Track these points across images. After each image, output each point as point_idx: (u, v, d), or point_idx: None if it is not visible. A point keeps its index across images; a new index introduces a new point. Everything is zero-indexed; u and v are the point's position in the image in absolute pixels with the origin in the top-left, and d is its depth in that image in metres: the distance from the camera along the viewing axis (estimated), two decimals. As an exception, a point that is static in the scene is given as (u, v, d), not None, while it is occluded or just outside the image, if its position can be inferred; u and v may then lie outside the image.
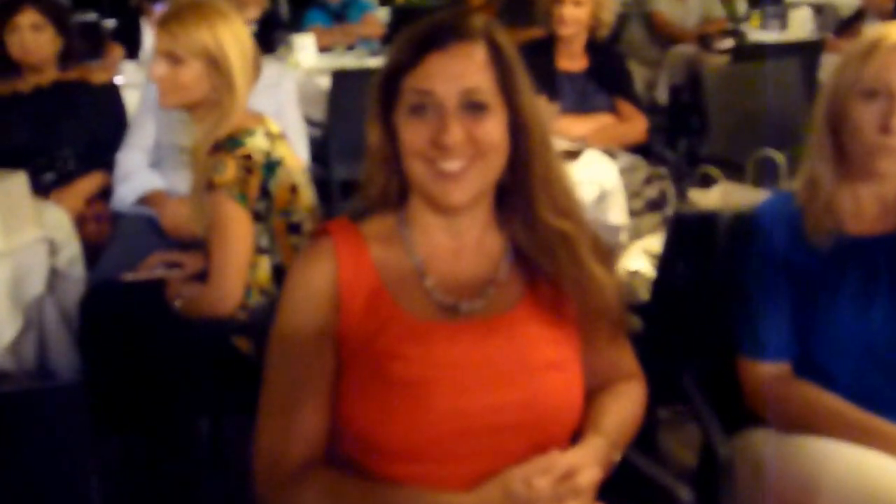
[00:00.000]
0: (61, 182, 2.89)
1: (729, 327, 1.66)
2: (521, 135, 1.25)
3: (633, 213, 2.94)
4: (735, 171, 2.97)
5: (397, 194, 1.30)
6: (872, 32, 1.51)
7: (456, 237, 1.30)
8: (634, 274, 2.24)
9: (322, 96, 4.22)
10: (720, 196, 2.29)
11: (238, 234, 1.94)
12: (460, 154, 1.20)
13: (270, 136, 2.03)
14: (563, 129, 3.26)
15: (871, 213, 1.57)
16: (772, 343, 1.60)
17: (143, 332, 2.00)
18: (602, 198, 2.58)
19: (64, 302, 2.21)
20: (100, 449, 1.57)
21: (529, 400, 1.23)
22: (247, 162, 1.94)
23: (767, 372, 1.58)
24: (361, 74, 4.29)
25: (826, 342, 1.55)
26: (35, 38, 2.93)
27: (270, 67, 3.23)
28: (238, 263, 1.94)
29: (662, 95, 5.08)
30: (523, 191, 1.27)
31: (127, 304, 2.11)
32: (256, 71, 2.08)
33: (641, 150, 3.40)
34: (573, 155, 2.83)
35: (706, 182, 2.72)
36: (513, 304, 1.30)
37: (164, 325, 2.00)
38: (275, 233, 2.03)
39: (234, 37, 1.97)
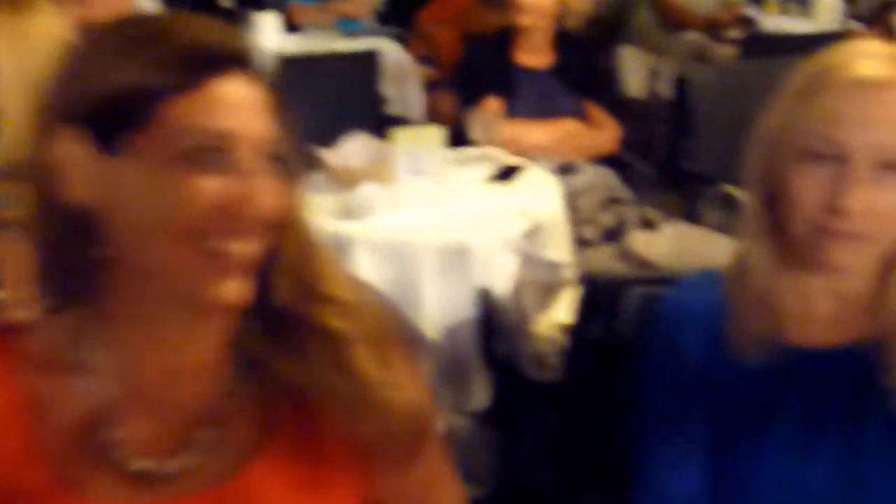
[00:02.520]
0: None
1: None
2: None
3: (586, 244, 2.47)
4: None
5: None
6: (820, 60, 1.01)
7: (173, 351, 0.86)
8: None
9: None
10: (668, 242, 1.81)
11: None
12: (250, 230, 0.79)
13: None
14: (518, 135, 2.80)
15: (823, 315, 1.08)
16: (676, 498, 1.14)
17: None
18: (536, 231, 2.13)
19: None
20: None
21: None
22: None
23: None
24: (310, 60, 3.85)
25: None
26: None
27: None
28: None
29: (665, 88, 4.55)
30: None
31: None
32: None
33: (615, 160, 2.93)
34: (508, 174, 2.37)
35: (648, 224, 2.25)
36: (247, 454, 0.86)
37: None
38: None
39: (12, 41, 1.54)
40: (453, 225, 2.11)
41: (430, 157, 2.12)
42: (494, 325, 1.96)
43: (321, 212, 2.22)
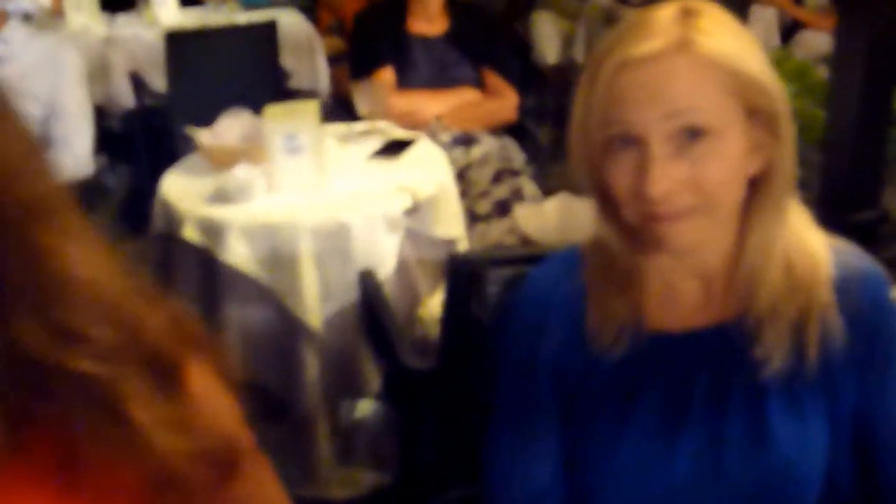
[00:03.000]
0: None
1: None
2: None
3: (480, 218, 2.38)
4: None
5: None
6: (602, 40, 0.92)
7: None
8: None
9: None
10: (554, 216, 1.72)
11: None
12: None
13: None
14: (414, 108, 2.70)
15: (687, 299, 1.00)
16: (523, 486, 1.07)
17: None
18: (421, 207, 2.02)
19: None
20: None
21: None
22: None
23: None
24: (200, 35, 3.68)
25: (607, 493, 1.01)
26: None
27: (44, 40, 2.63)
28: None
29: (579, 53, 4.48)
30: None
31: None
32: None
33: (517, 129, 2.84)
34: (395, 149, 2.27)
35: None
36: None
37: None
38: None
39: None
40: (331, 205, 2.00)
41: (308, 134, 2.00)
42: (377, 309, 1.87)
43: (194, 196, 2.09)
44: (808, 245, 0.96)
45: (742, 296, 0.95)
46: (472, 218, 2.36)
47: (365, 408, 2.51)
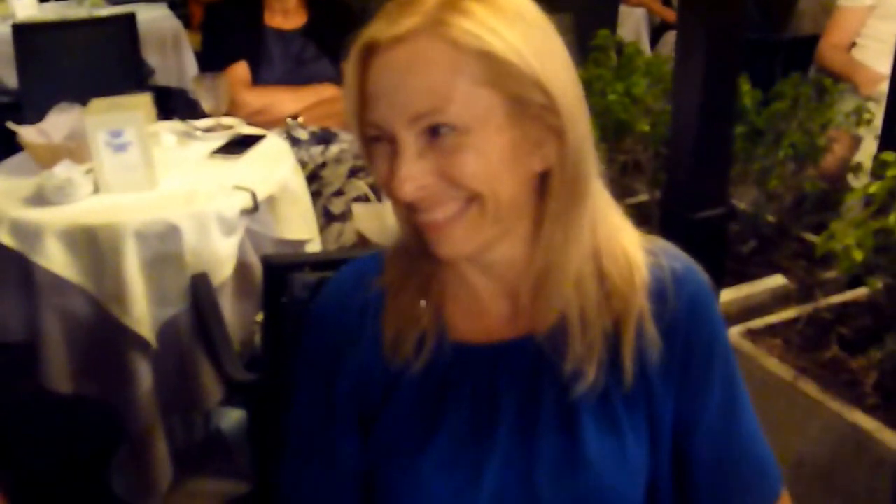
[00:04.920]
0: None
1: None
2: None
3: (335, 218, 2.29)
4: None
5: None
6: (380, 12, 0.80)
7: None
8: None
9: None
10: (389, 215, 1.64)
11: None
12: None
13: None
14: (269, 104, 2.58)
15: (495, 310, 0.92)
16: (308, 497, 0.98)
17: None
18: (263, 207, 1.91)
19: None
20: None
21: None
22: None
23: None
24: (51, 27, 3.47)
25: None
26: None
27: None
28: None
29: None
30: None
31: None
32: None
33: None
34: (238, 146, 2.14)
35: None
36: None
37: None
38: None
39: None
40: (160, 205, 1.86)
41: (134, 130, 1.86)
42: (207, 316, 1.74)
43: (13, 197, 1.93)
44: (623, 249, 0.88)
45: (550, 306, 0.87)
46: (328, 218, 2.26)
47: (224, 416, 2.39)
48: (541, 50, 0.79)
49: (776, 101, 2.15)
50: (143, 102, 1.93)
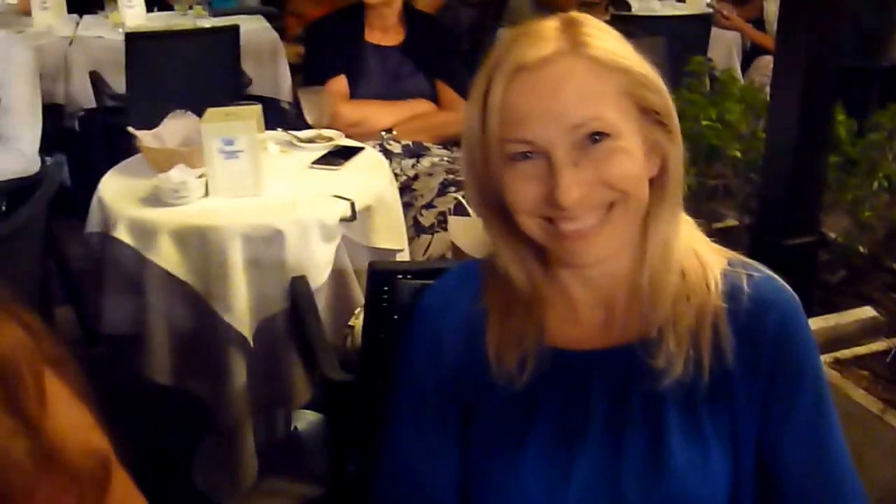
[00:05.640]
0: None
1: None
2: None
3: (424, 230, 2.36)
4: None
5: None
6: (489, 56, 0.90)
7: None
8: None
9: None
10: (465, 233, 1.70)
11: None
12: None
13: None
14: (366, 117, 2.68)
15: (590, 319, 0.98)
16: (413, 491, 1.04)
17: None
18: (360, 217, 2.00)
19: None
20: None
21: None
22: None
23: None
24: (160, 36, 3.65)
25: None
26: None
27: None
28: None
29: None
30: None
31: None
32: None
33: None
34: (338, 157, 2.24)
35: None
36: None
37: None
38: None
39: None
40: (266, 210, 1.97)
41: (245, 139, 1.97)
42: (305, 318, 1.83)
43: (130, 197, 2.06)
44: (692, 248, 0.96)
45: (644, 311, 0.93)
46: (418, 229, 2.34)
47: (301, 418, 2.48)
48: (646, 61, 0.90)
49: (872, 132, 2.14)
50: (254, 113, 2.03)
